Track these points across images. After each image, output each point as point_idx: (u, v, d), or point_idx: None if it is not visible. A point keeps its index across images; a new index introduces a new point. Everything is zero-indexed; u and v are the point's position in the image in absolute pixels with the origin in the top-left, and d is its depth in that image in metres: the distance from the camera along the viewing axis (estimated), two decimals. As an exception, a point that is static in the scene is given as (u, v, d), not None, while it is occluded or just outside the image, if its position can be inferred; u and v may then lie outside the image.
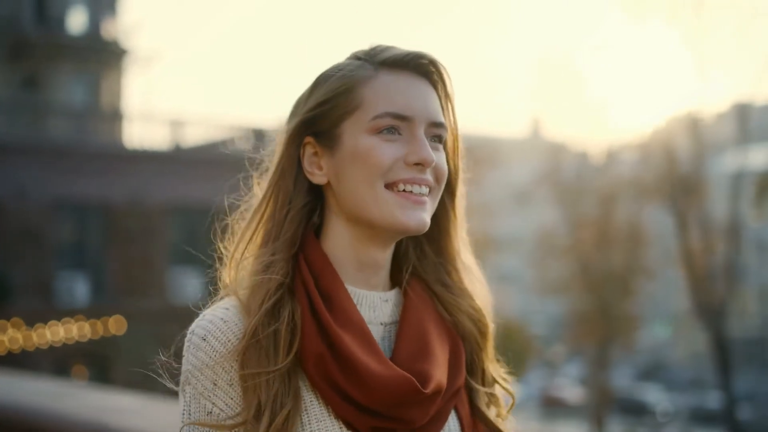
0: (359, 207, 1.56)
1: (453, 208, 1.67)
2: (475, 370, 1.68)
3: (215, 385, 1.51)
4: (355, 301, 1.60)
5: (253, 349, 1.51)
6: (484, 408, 1.67)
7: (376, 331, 1.61)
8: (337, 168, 1.58)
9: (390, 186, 1.55)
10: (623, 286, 30.22)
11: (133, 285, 24.46)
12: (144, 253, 24.61)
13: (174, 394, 1.58)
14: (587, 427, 32.22)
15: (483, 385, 1.68)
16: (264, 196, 1.61)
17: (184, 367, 1.54)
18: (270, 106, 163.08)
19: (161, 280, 24.83)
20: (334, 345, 1.51)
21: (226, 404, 1.51)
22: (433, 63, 1.61)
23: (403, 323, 1.60)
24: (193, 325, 1.56)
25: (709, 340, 26.22)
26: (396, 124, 1.55)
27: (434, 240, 1.68)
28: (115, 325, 23.86)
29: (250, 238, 1.61)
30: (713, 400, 35.93)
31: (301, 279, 1.56)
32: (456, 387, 1.59)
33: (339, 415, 1.51)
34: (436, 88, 1.62)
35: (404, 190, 1.56)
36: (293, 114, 1.62)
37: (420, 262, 1.68)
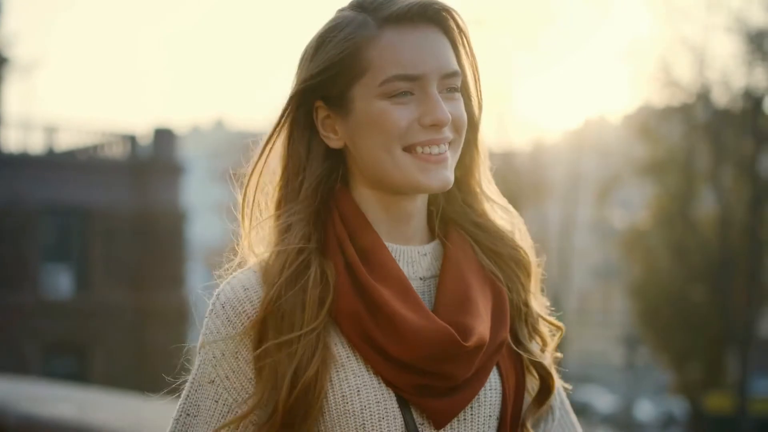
0: (379, 171, 1.53)
1: (476, 145, 1.62)
2: (520, 310, 1.61)
3: (223, 355, 1.50)
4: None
5: (272, 319, 1.48)
6: (526, 342, 1.61)
7: (416, 287, 1.55)
8: (352, 133, 1.54)
9: (408, 149, 1.51)
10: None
11: (6, 280, 25.69)
12: (17, 250, 25.87)
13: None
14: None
15: (527, 322, 1.62)
16: (277, 164, 1.58)
17: (203, 330, 1.53)
18: (143, 112, 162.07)
19: (34, 276, 26.14)
20: (372, 301, 1.47)
21: (227, 376, 1.51)
22: (441, 9, 1.54)
23: (443, 277, 1.56)
24: (220, 288, 1.54)
25: None
26: (407, 86, 1.50)
27: (460, 181, 1.62)
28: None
29: (266, 206, 1.57)
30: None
31: (334, 234, 1.53)
32: (499, 341, 1.53)
33: (379, 373, 1.48)
34: (447, 33, 1.55)
35: (423, 152, 1.51)
36: (297, 75, 1.57)
37: (450, 205, 1.63)
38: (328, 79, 1.54)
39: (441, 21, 1.55)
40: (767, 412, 30.13)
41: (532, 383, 1.62)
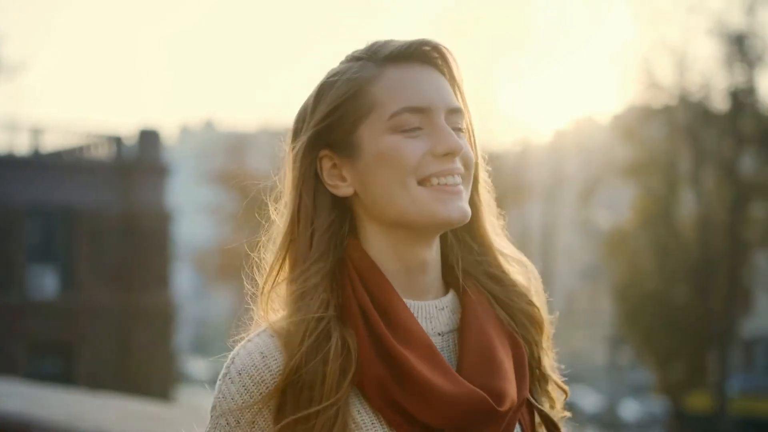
0: (395, 210, 1.48)
1: (477, 194, 1.58)
2: (534, 366, 1.59)
3: (238, 423, 1.47)
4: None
5: (291, 392, 1.44)
6: (540, 399, 1.60)
7: (435, 343, 1.51)
8: (362, 175, 1.50)
9: (423, 182, 1.48)
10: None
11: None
12: (3, 251, 26.00)
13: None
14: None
15: (539, 380, 1.60)
16: (285, 222, 1.53)
17: (215, 392, 1.50)
18: (133, 113, 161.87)
19: (20, 277, 26.25)
20: (397, 366, 1.43)
21: None
22: (436, 48, 1.53)
23: (464, 333, 1.51)
24: (235, 351, 1.50)
25: None
26: (415, 119, 1.48)
27: (471, 230, 1.59)
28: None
29: (279, 268, 1.52)
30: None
31: (354, 295, 1.48)
32: (522, 399, 1.51)
33: None
34: (444, 73, 1.54)
35: (438, 183, 1.48)
36: (299, 130, 1.54)
37: (464, 255, 1.58)
38: (334, 123, 1.51)
39: (438, 60, 1.55)
40: (747, 411, 30.47)
41: None
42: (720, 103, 26.33)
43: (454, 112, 1.52)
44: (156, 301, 26.92)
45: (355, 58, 1.54)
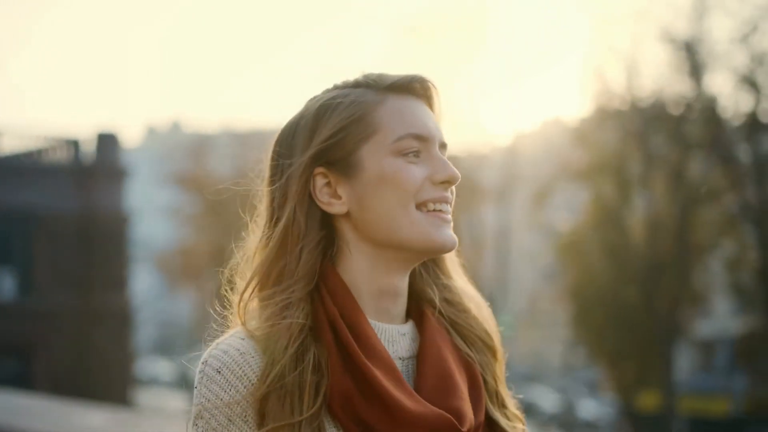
0: (391, 231, 1.51)
1: None
2: (491, 393, 1.62)
3: (230, 420, 1.45)
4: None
5: (274, 398, 1.44)
6: (506, 426, 1.61)
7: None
8: (360, 194, 1.53)
9: (420, 206, 1.52)
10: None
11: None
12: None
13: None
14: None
15: (496, 406, 1.62)
16: (275, 238, 1.54)
17: (195, 400, 1.47)
18: (94, 115, 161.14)
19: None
20: (365, 381, 1.44)
21: None
22: (432, 85, 1.60)
23: (423, 358, 1.54)
24: (206, 355, 1.49)
25: None
26: (417, 146, 1.53)
27: (438, 261, 1.65)
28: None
29: (260, 280, 1.53)
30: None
31: (324, 312, 1.50)
32: (478, 422, 1.53)
33: None
34: (433, 108, 1.60)
35: (434, 210, 1.53)
36: (291, 147, 1.56)
37: (425, 284, 1.63)
38: (337, 143, 1.54)
39: (432, 95, 1.61)
40: (698, 411, 31.00)
41: None
42: (669, 108, 26.75)
43: (443, 146, 1.58)
44: (114, 304, 27.05)
45: (354, 85, 1.58)
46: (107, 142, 28.06)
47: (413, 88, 1.58)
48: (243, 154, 31.90)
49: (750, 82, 25.53)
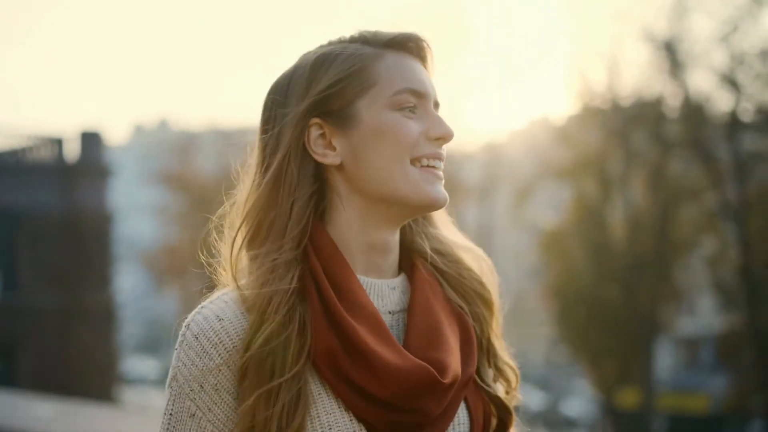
0: (385, 184, 1.51)
1: None
2: (483, 346, 1.62)
3: (202, 387, 1.46)
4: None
5: (254, 364, 1.44)
6: (491, 384, 1.62)
7: (385, 321, 1.53)
8: (355, 146, 1.52)
9: (414, 161, 1.52)
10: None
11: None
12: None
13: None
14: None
15: (489, 361, 1.63)
16: (265, 185, 1.52)
17: (173, 362, 1.48)
18: (69, 115, 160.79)
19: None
20: (346, 337, 1.45)
21: (210, 409, 1.47)
22: (427, 45, 1.60)
23: (412, 311, 1.54)
24: (189, 318, 1.49)
25: None
26: (414, 101, 1.53)
27: (428, 217, 1.66)
28: None
29: (251, 231, 1.52)
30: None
31: (309, 268, 1.49)
32: (467, 376, 1.53)
33: (351, 409, 1.46)
34: (427, 68, 1.60)
35: (428, 165, 1.53)
36: (286, 97, 1.55)
37: (416, 236, 1.63)
38: (335, 94, 1.53)
39: (426, 55, 1.61)
40: (678, 408, 31.21)
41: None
42: (650, 107, 26.91)
43: (437, 105, 1.58)
44: (98, 302, 27.10)
45: (351, 40, 1.58)
46: (91, 140, 28.09)
47: (409, 46, 1.58)
48: (228, 152, 31.92)
49: (730, 82, 25.69)
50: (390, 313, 1.56)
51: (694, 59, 26.19)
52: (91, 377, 26.17)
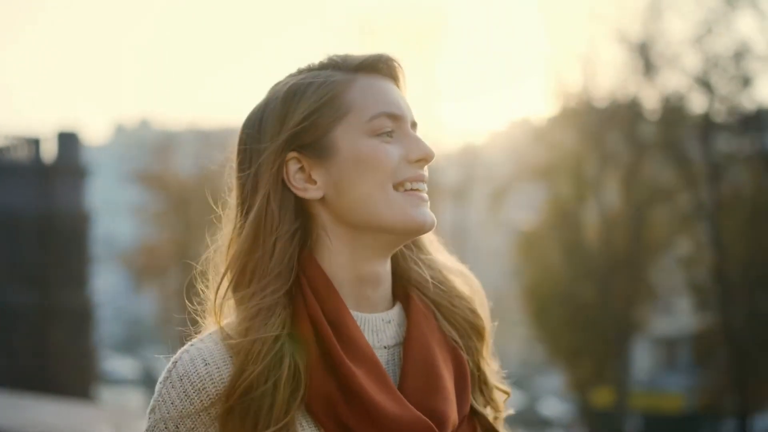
0: (369, 213, 1.48)
1: None
2: (474, 376, 1.60)
3: (177, 429, 1.44)
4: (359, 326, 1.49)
5: (237, 411, 1.41)
6: (481, 409, 1.59)
7: (380, 357, 1.51)
8: (336, 177, 1.49)
9: (397, 186, 1.49)
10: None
11: None
12: None
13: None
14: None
15: (480, 388, 1.61)
16: (248, 226, 1.48)
17: (155, 394, 1.46)
18: (50, 114, 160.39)
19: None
20: (345, 383, 1.41)
21: None
22: (398, 64, 1.57)
23: (408, 348, 1.51)
24: (177, 355, 1.47)
25: None
26: (391, 125, 1.50)
27: (417, 242, 1.62)
28: None
29: (235, 275, 1.48)
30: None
31: (305, 309, 1.46)
32: (462, 416, 1.51)
33: None
34: (400, 88, 1.58)
35: (411, 189, 1.50)
36: (259, 133, 1.51)
37: (408, 264, 1.60)
38: (309, 126, 1.50)
39: (399, 79, 1.58)
40: (651, 407, 31.44)
41: None
42: (624, 108, 27.07)
43: (414, 125, 1.55)
44: (74, 301, 27.10)
45: (321, 67, 1.55)
46: (68, 140, 28.11)
47: (380, 67, 1.55)
48: (206, 152, 32.00)
49: (704, 83, 25.87)
50: (385, 347, 1.54)
51: (668, 61, 26.36)
52: (67, 376, 26.17)
